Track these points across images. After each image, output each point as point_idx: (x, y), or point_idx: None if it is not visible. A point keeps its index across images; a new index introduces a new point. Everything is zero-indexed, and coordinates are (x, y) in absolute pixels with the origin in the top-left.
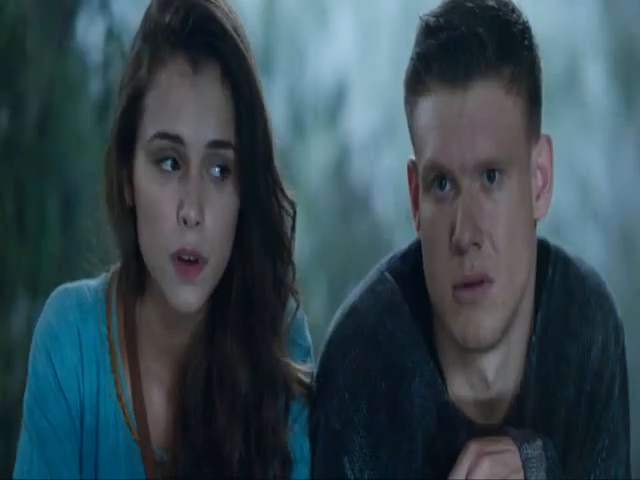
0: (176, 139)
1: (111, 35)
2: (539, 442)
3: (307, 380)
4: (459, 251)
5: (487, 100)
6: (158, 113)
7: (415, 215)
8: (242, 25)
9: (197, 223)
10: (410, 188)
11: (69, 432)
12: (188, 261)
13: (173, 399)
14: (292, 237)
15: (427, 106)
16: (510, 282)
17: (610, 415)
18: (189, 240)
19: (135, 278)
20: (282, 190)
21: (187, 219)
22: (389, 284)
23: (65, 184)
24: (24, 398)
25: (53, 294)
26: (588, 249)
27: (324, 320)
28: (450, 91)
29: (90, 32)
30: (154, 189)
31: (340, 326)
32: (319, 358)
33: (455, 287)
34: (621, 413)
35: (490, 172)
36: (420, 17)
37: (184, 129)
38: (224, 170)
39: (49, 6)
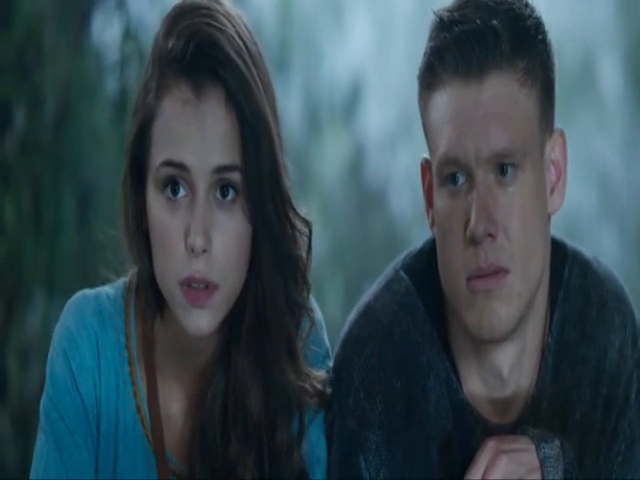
0: (181, 167)
1: (127, 34)
2: (557, 442)
3: (324, 389)
4: (474, 242)
5: (502, 92)
6: (163, 141)
7: (429, 213)
8: (253, 44)
9: (204, 250)
10: (423, 187)
11: (85, 435)
12: (197, 288)
13: (190, 416)
14: (308, 257)
15: (441, 100)
16: (525, 273)
17: (627, 419)
18: (197, 268)
19: (153, 301)
20: (294, 210)
21: (194, 248)
22: (404, 283)
23: (81, 182)
24: (41, 400)
25: (72, 299)
26: (604, 246)
27: (340, 318)
28: (465, 84)
29: (106, 31)
30: (163, 217)
31: (355, 325)
32: (334, 357)
33: (469, 278)
34: (638, 418)
35: (504, 165)
36: (434, 12)
37: (188, 156)
38: (231, 191)
39: (66, 5)
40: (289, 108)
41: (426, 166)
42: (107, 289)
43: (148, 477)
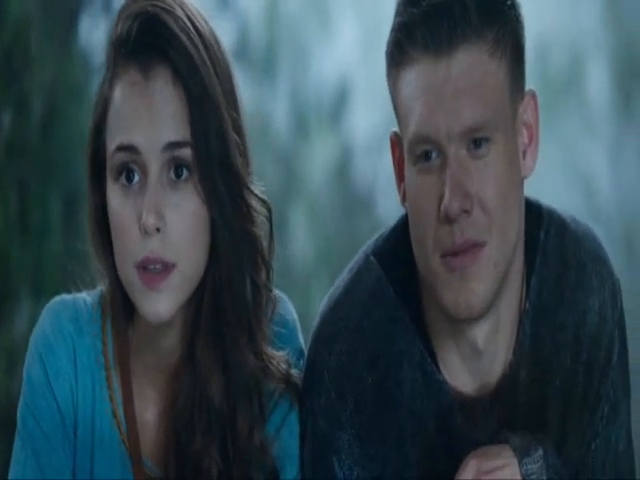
0: (132, 149)
1: None
2: (540, 452)
3: (289, 371)
4: (448, 220)
5: (471, 66)
6: (115, 127)
7: (400, 187)
8: (205, 28)
9: (157, 229)
10: (393, 160)
11: (62, 440)
12: (153, 270)
13: (165, 419)
14: (271, 238)
15: (411, 77)
16: (502, 242)
17: (609, 381)
18: (151, 247)
19: (121, 302)
20: (249, 188)
21: (146, 227)
22: (374, 270)
23: (68, 185)
24: (18, 406)
25: (49, 304)
26: None
27: None
28: (434, 60)
29: (93, 34)
30: (117, 204)
31: (325, 322)
32: (306, 355)
33: (444, 255)
34: (621, 378)
35: (477, 140)
36: None
37: (138, 137)
38: (184, 170)
39: (52, 8)
40: (276, 111)
41: (395, 139)
42: (84, 295)
43: None
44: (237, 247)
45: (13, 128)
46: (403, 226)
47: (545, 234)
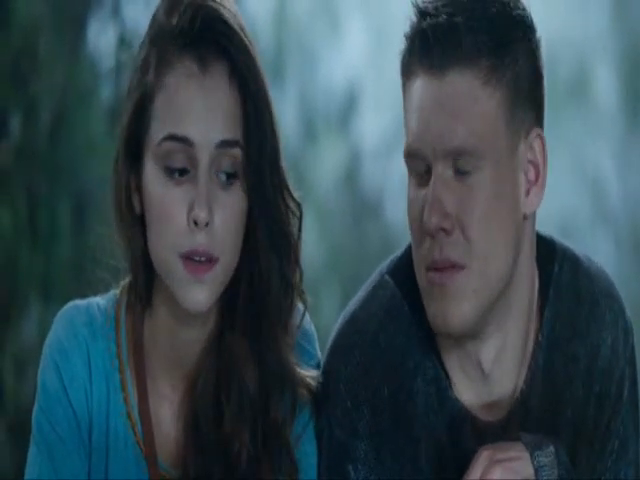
0: (185, 141)
1: (122, 41)
2: (551, 448)
3: (313, 383)
4: (429, 235)
5: (461, 90)
6: (166, 116)
7: None
8: (246, 27)
9: (207, 224)
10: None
11: (78, 446)
12: (199, 261)
13: (182, 417)
14: (299, 238)
15: (412, 89)
16: (483, 272)
17: (620, 417)
18: (200, 241)
19: (144, 288)
20: (288, 190)
21: (198, 220)
22: (389, 287)
23: (77, 189)
24: (33, 411)
25: (63, 310)
26: (598, 252)
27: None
28: (428, 76)
29: (102, 39)
30: (164, 192)
31: (341, 335)
32: (322, 367)
33: (428, 269)
34: (631, 415)
35: (462, 162)
36: (412, 1)
37: (193, 130)
38: (232, 176)
39: (61, 13)
40: (285, 115)
41: None
42: (98, 299)
43: None
44: (275, 246)
45: (22, 133)
46: None
47: (559, 268)
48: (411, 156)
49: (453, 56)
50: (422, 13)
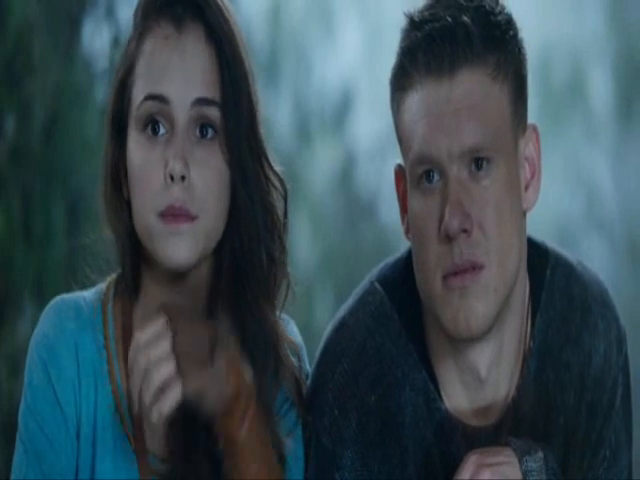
0: (162, 99)
1: (117, 42)
2: (540, 454)
3: (297, 350)
4: (448, 239)
5: (473, 87)
6: (145, 77)
7: (404, 220)
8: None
9: (182, 177)
10: (398, 194)
11: (65, 444)
12: (177, 216)
13: None
14: (285, 218)
15: (413, 100)
16: (501, 268)
17: (612, 425)
18: (177, 196)
19: (131, 274)
20: (267, 160)
21: (172, 173)
22: (378, 295)
23: (71, 190)
24: (19, 410)
25: (49, 305)
26: (594, 257)
27: None
28: (436, 81)
29: (96, 39)
30: (143, 155)
31: (329, 342)
32: (310, 374)
33: (445, 276)
34: (623, 423)
35: (477, 160)
36: (404, 13)
37: (169, 88)
38: (210, 130)
39: (55, 13)
40: (279, 117)
41: (400, 172)
42: (84, 293)
43: (128, 475)
44: (255, 212)
45: (16, 134)
46: (408, 256)
47: (551, 273)
48: (420, 163)
49: (464, 55)
50: (421, 22)
